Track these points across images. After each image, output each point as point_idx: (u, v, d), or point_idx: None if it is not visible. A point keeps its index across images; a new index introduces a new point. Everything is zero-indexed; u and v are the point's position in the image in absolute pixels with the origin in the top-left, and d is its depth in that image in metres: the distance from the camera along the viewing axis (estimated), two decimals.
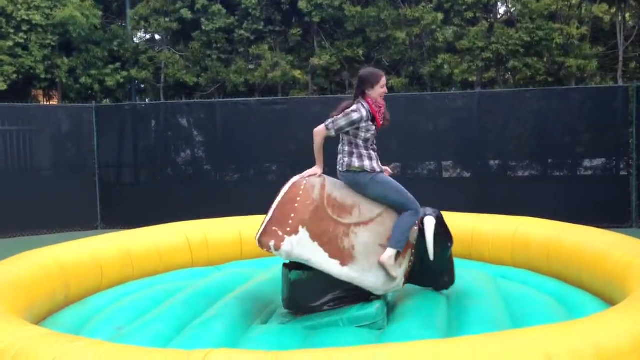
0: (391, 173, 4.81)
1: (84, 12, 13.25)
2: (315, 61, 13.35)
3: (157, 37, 15.47)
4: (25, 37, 13.24)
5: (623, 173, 10.76)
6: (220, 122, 12.05)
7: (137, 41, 15.48)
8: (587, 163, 11.23)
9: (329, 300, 4.49)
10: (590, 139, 11.17)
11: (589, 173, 11.13)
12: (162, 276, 6.04)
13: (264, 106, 11.99)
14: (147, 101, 15.91)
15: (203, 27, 13.75)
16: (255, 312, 4.75)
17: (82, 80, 13.78)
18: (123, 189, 12.54)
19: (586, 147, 11.18)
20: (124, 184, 12.73)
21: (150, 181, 12.74)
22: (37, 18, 13.24)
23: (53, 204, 11.41)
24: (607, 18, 14.19)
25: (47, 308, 4.97)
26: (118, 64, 14.22)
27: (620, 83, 12.56)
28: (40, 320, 4.78)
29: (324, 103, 11.30)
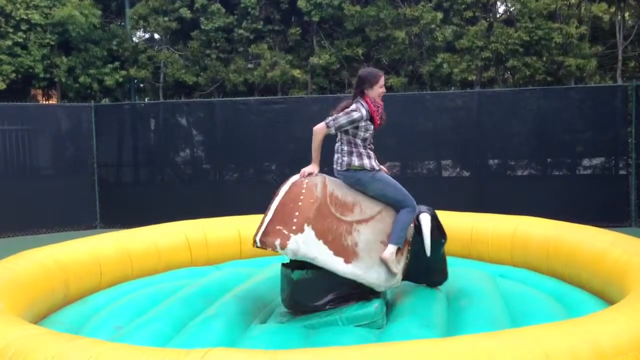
0: (387, 172, 4.84)
1: (83, 12, 13.22)
2: (314, 60, 13.34)
3: (156, 37, 15.45)
4: (24, 37, 13.21)
5: (622, 172, 10.76)
6: (219, 122, 12.04)
7: (136, 40, 15.47)
8: (586, 162, 11.24)
9: (331, 299, 4.48)
10: (589, 138, 11.17)
11: (588, 172, 11.14)
12: (161, 275, 6.05)
13: (263, 105, 11.99)
14: (146, 100, 15.90)
15: (202, 27, 13.74)
16: (254, 311, 4.75)
17: (81, 79, 13.75)
18: (122, 189, 12.54)
19: (585, 146, 11.19)
20: (123, 184, 12.73)
21: (149, 180, 12.74)
22: (36, 17, 13.22)
23: (52, 204, 11.41)
24: (607, 17, 14.20)
25: (47, 307, 4.98)
26: (117, 63, 14.19)
27: (619, 82, 12.55)
28: (39, 319, 4.79)
29: (323, 102, 11.30)
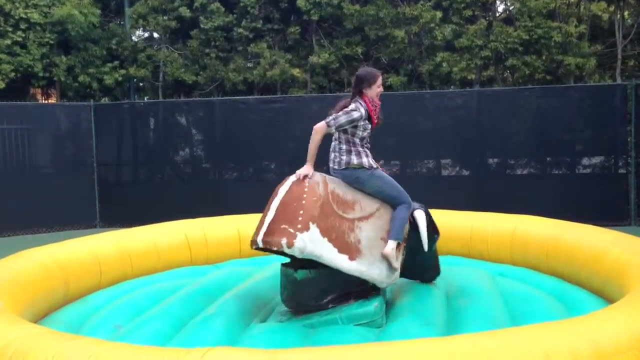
0: (382, 169, 4.88)
1: (82, 11, 13.21)
2: (313, 59, 13.33)
3: (156, 36, 15.44)
4: (23, 36, 13.20)
5: (621, 171, 10.76)
6: (218, 121, 12.04)
7: (136, 39, 15.45)
8: (586, 161, 11.24)
9: (333, 297, 4.50)
10: (588, 137, 11.17)
11: (588, 171, 11.14)
12: (161, 274, 6.05)
13: (263, 104, 11.98)
14: (146, 99, 15.88)
15: (201, 26, 13.73)
16: (254, 310, 4.75)
17: (81, 78, 13.74)
18: (122, 188, 12.53)
19: (585, 145, 11.19)
20: (123, 183, 12.72)
21: (149, 179, 12.74)
22: (35, 16, 13.20)
23: (52, 203, 11.40)
24: (606, 16, 14.19)
25: (47, 306, 4.98)
26: (116, 62, 14.19)
27: (618, 81, 12.55)
28: (39, 318, 4.78)
29: (323, 101, 11.29)
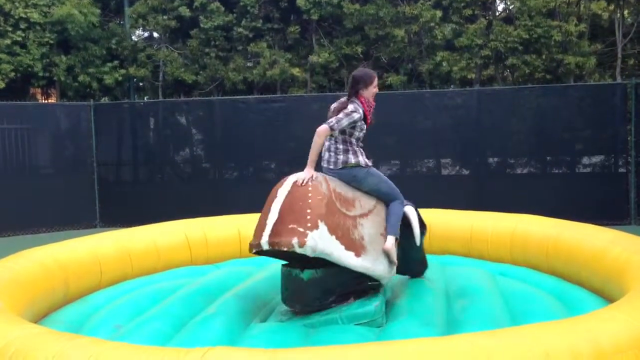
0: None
1: (82, 10, 13.21)
2: (313, 59, 13.33)
3: (156, 35, 15.43)
4: (23, 35, 13.20)
5: (622, 170, 10.75)
6: (218, 120, 12.04)
7: (136, 39, 15.45)
8: (586, 160, 11.24)
9: (337, 297, 4.52)
10: (588, 136, 11.17)
11: (588, 170, 11.14)
12: (161, 274, 6.05)
13: (263, 104, 11.98)
14: (146, 99, 15.88)
15: (201, 25, 13.73)
16: (254, 310, 4.75)
17: (80, 78, 13.74)
18: (122, 187, 12.53)
19: (585, 145, 11.19)
20: (123, 182, 12.72)
21: (149, 179, 12.73)
22: (35, 16, 13.20)
23: (52, 203, 11.40)
24: (606, 15, 14.19)
25: (47, 306, 4.98)
26: (116, 62, 14.19)
27: (618, 80, 12.54)
28: (39, 318, 4.78)
29: (323, 101, 11.28)
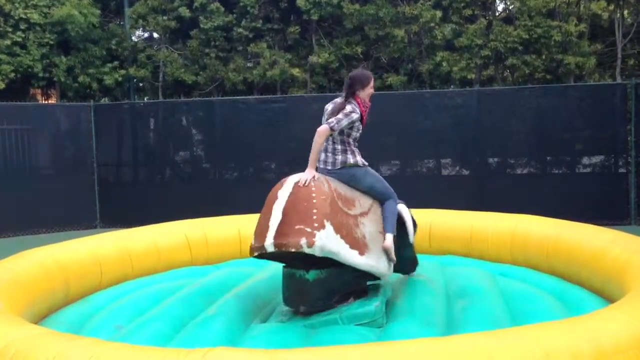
0: None
1: (82, 11, 13.21)
2: (313, 59, 13.33)
3: (156, 36, 15.44)
4: (23, 36, 13.20)
5: (622, 170, 10.75)
6: (218, 121, 12.04)
7: (135, 39, 15.46)
8: (586, 160, 11.24)
9: (339, 297, 4.53)
10: (588, 136, 11.17)
11: (588, 170, 11.13)
12: (162, 275, 6.05)
13: (263, 104, 11.98)
14: (146, 100, 15.88)
15: (201, 26, 13.73)
16: (254, 311, 4.75)
17: (81, 79, 13.74)
18: (122, 188, 12.53)
19: (585, 145, 11.18)
20: (123, 183, 12.72)
21: (149, 180, 12.73)
22: (35, 17, 13.20)
23: (52, 203, 11.39)
24: (606, 15, 14.19)
25: (47, 307, 4.98)
26: (116, 63, 14.19)
27: (618, 80, 12.54)
28: (40, 319, 4.79)
29: (323, 101, 11.16)
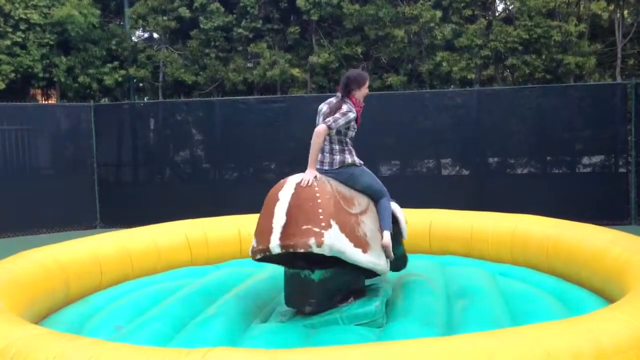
0: None
1: (82, 11, 13.21)
2: (313, 59, 13.33)
3: (156, 36, 15.44)
4: (23, 36, 13.19)
5: (622, 170, 10.74)
6: (218, 121, 12.04)
7: (135, 40, 15.46)
8: (586, 160, 11.23)
9: (341, 296, 4.55)
10: (588, 136, 11.16)
11: (588, 170, 11.13)
12: (162, 275, 6.05)
13: (263, 104, 11.98)
14: (146, 100, 15.88)
15: (201, 26, 13.73)
16: (254, 311, 4.75)
17: (81, 79, 13.74)
18: (122, 188, 12.52)
19: (585, 145, 11.18)
20: (123, 183, 12.72)
21: (149, 180, 12.73)
22: (35, 17, 13.20)
23: (52, 204, 11.39)
24: (606, 15, 14.19)
25: (47, 307, 4.98)
26: (116, 63, 14.19)
27: (618, 80, 12.54)
28: (40, 319, 4.79)
29: (323, 101, 11.26)
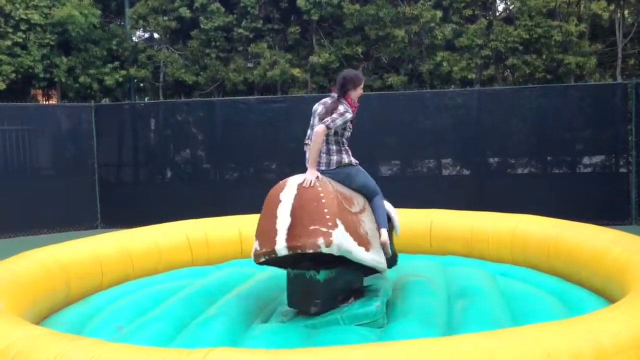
0: None
1: (83, 11, 13.21)
2: (314, 59, 13.33)
3: (156, 36, 15.45)
4: (23, 37, 13.20)
5: (622, 170, 10.74)
6: (219, 121, 12.04)
7: (136, 40, 15.46)
8: (587, 160, 11.22)
9: (343, 296, 4.56)
10: (589, 136, 11.15)
11: (589, 170, 11.12)
12: (162, 275, 6.06)
13: (263, 104, 11.98)
14: (146, 100, 15.89)
15: (202, 26, 13.73)
16: (255, 311, 4.75)
17: (81, 79, 13.75)
18: (123, 188, 12.53)
19: (585, 145, 11.17)
20: (124, 183, 12.72)
21: (149, 180, 12.73)
22: (36, 17, 13.21)
23: (53, 204, 11.40)
24: (606, 15, 14.19)
25: (48, 307, 4.99)
26: (117, 63, 14.19)
27: (619, 80, 12.54)
28: (41, 319, 4.79)
29: None
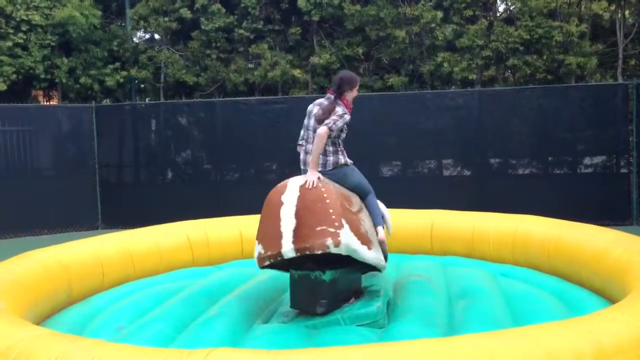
0: None
1: (84, 12, 13.22)
2: (314, 60, 13.34)
3: (157, 37, 15.46)
4: (24, 38, 13.22)
5: (623, 170, 10.73)
6: (220, 122, 12.04)
7: (137, 41, 15.48)
8: (587, 161, 11.22)
9: (346, 295, 4.58)
10: (590, 137, 11.15)
11: (589, 171, 11.12)
12: (163, 276, 6.07)
13: (264, 105, 11.98)
14: (147, 101, 15.89)
15: (202, 27, 13.74)
16: (256, 311, 4.76)
17: (82, 80, 13.76)
18: (124, 189, 12.53)
19: (586, 145, 11.16)
20: (125, 184, 12.72)
21: (150, 181, 12.74)
22: (37, 18, 13.22)
23: (54, 205, 11.41)
24: (607, 15, 14.18)
25: (49, 308, 4.99)
26: (118, 64, 14.20)
27: (620, 80, 12.54)
28: (42, 320, 4.80)
29: None
